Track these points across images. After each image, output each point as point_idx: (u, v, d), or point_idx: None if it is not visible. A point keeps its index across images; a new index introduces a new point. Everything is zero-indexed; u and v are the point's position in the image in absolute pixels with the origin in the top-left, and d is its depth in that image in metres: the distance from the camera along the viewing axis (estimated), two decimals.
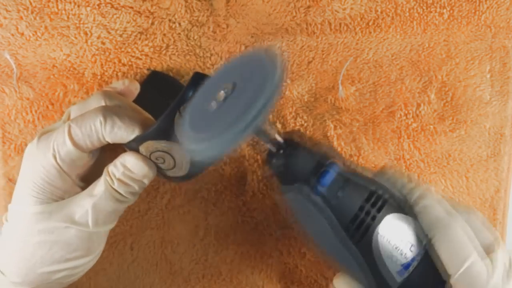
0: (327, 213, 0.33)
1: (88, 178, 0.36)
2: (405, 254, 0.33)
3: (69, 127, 0.33)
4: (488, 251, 0.34)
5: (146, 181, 0.35)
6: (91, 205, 0.34)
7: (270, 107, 0.27)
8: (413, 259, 0.34)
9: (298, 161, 0.33)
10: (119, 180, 0.34)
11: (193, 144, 0.29)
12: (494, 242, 0.34)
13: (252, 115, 0.26)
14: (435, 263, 0.34)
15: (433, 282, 0.34)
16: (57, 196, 0.34)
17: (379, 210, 0.34)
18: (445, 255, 0.33)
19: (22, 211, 0.34)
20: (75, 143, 0.33)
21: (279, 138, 0.33)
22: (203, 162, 0.35)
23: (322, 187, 0.33)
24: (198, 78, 0.34)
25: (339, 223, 0.33)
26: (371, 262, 0.33)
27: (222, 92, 0.30)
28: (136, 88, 0.41)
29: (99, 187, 0.34)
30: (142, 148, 0.34)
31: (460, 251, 0.33)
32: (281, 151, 0.34)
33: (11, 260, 0.35)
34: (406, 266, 0.33)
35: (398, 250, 0.33)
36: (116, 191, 0.34)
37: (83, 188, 0.35)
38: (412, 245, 0.34)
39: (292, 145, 0.34)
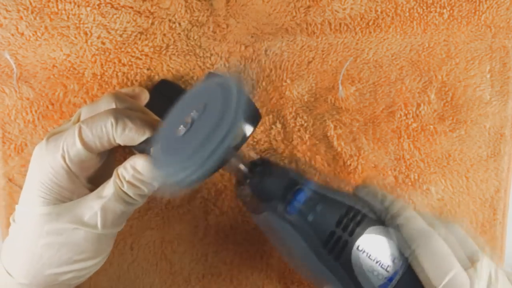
0: (304, 231, 0.33)
1: (96, 180, 0.36)
2: (387, 267, 0.33)
3: (80, 128, 0.33)
4: (473, 260, 0.34)
5: (156, 184, 0.35)
6: (100, 207, 0.34)
7: (237, 129, 0.27)
8: (395, 272, 0.33)
9: (269, 182, 0.33)
10: (128, 182, 0.34)
11: (162, 167, 0.29)
12: (478, 251, 0.34)
13: (210, 148, 0.26)
14: (418, 275, 0.34)
15: None
16: (65, 198, 0.34)
17: (357, 225, 0.33)
18: (428, 267, 0.33)
19: (29, 212, 0.34)
20: (85, 144, 0.33)
21: (243, 168, 0.33)
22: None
23: (298, 204, 0.33)
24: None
25: (316, 242, 0.33)
26: (352, 278, 0.33)
27: (190, 114, 0.30)
28: (145, 97, 0.41)
29: (108, 189, 0.34)
30: (153, 150, 0.34)
31: (442, 262, 0.33)
32: (248, 181, 0.33)
33: (19, 262, 0.34)
34: (389, 279, 0.33)
35: (380, 264, 0.33)
36: (126, 193, 0.34)
37: (91, 190, 0.35)
38: (394, 258, 0.34)
39: (262, 167, 0.34)
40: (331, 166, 0.46)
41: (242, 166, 0.33)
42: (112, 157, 0.38)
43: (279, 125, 0.46)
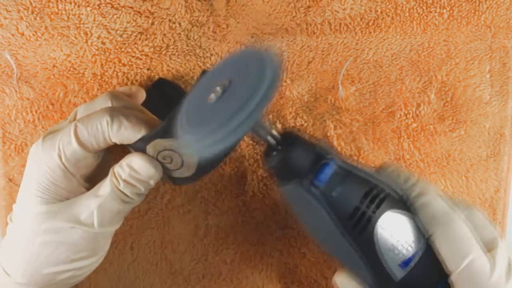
0: (327, 206, 0.33)
1: (93, 179, 0.36)
2: (407, 248, 0.33)
3: (75, 126, 0.33)
4: (490, 247, 0.34)
5: (152, 182, 0.35)
6: (97, 206, 0.34)
7: (266, 103, 0.27)
8: (414, 254, 0.33)
9: (296, 155, 0.33)
10: (125, 181, 0.34)
11: (190, 140, 0.28)
12: (495, 238, 0.34)
13: (248, 111, 0.26)
14: (438, 256, 0.34)
15: (435, 277, 0.34)
16: (62, 196, 0.34)
17: (379, 205, 0.33)
18: (446, 250, 0.33)
19: (26, 211, 0.34)
20: (81, 143, 0.33)
21: (275, 133, 0.33)
22: (206, 159, 0.35)
23: (322, 180, 0.33)
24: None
25: (339, 217, 0.33)
26: (372, 256, 0.33)
27: (218, 88, 0.30)
28: (142, 96, 0.41)
29: (104, 187, 0.34)
30: (149, 148, 0.34)
31: (461, 246, 0.33)
32: (279, 147, 0.33)
33: (16, 261, 0.34)
34: (408, 261, 0.33)
35: (400, 244, 0.33)
36: (122, 192, 0.34)
37: (88, 189, 0.35)
38: (413, 240, 0.34)
39: (290, 140, 0.33)
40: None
41: (269, 137, 0.33)
42: (109, 155, 0.38)
43: (279, 125, 0.46)
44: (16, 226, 0.35)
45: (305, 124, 0.46)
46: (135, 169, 0.34)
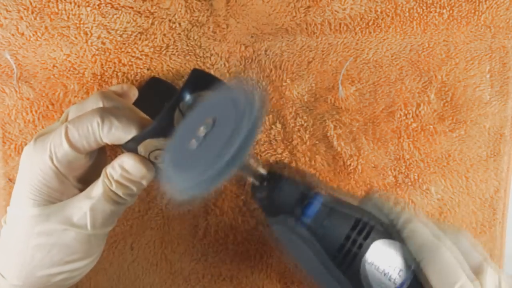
0: (313, 244, 0.33)
1: (85, 180, 0.36)
2: (394, 279, 0.33)
3: (66, 128, 0.33)
4: (477, 272, 0.34)
5: (145, 183, 0.35)
6: (89, 207, 0.34)
7: (251, 142, 0.27)
8: (402, 284, 0.34)
9: (282, 193, 0.33)
10: (117, 182, 0.34)
11: (176, 184, 0.28)
12: (483, 263, 0.35)
13: (233, 152, 0.26)
14: (424, 287, 0.34)
15: None
16: (54, 198, 0.34)
17: (365, 238, 0.34)
18: (434, 279, 0.33)
19: (20, 214, 0.34)
20: (72, 145, 0.33)
21: (262, 171, 0.33)
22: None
23: (307, 218, 0.33)
24: (197, 75, 0.34)
25: (326, 253, 0.33)
26: None
27: (202, 128, 0.30)
28: (134, 94, 0.41)
29: (97, 189, 0.34)
30: (141, 148, 0.34)
31: (448, 275, 0.33)
32: (265, 183, 0.34)
33: (11, 263, 0.34)
34: None
35: (387, 276, 0.33)
36: (114, 193, 0.34)
37: (81, 190, 0.35)
38: (400, 270, 0.34)
39: (275, 177, 0.34)
40: (331, 166, 0.46)
41: (254, 177, 0.33)
42: (101, 156, 0.38)
43: (279, 125, 0.46)
44: (9, 228, 0.35)
45: (305, 124, 0.46)
46: (127, 169, 0.34)
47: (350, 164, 0.47)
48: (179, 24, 0.43)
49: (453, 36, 0.46)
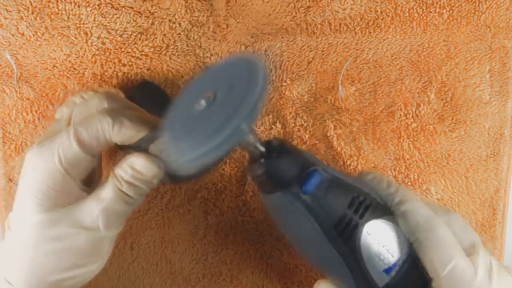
0: (315, 214, 0.33)
1: (89, 181, 0.36)
2: (390, 255, 0.34)
3: (75, 130, 0.33)
4: (469, 252, 0.34)
5: (155, 181, 0.35)
6: (101, 209, 0.33)
7: (254, 115, 0.27)
8: (398, 260, 0.34)
9: (281, 167, 0.33)
10: (127, 182, 0.34)
11: (175, 154, 0.28)
12: (475, 242, 0.35)
13: (235, 124, 0.26)
14: (422, 261, 0.34)
15: (418, 282, 0.34)
16: (62, 202, 0.34)
17: (364, 212, 0.34)
18: (429, 257, 0.33)
19: (27, 220, 0.33)
20: (82, 145, 0.33)
21: (260, 147, 0.33)
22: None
23: (309, 189, 0.33)
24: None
25: (326, 225, 0.33)
26: (356, 262, 0.34)
27: (203, 100, 0.30)
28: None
29: (107, 190, 0.34)
30: (152, 147, 0.34)
31: (443, 253, 0.33)
32: (262, 160, 0.33)
33: (18, 270, 0.34)
34: (391, 267, 0.34)
35: (383, 252, 0.34)
36: (125, 193, 0.34)
37: (87, 192, 0.35)
38: (396, 246, 0.34)
39: (273, 153, 0.33)
40: (331, 166, 0.46)
41: (258, 145, 0.33)
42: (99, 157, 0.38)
43: (279, 125, 0.46)
44: (16, 234, 0.34)
45: (305, 124, 0.46)
46: (138, 169, 0.34)
47: (350, 164, 0.47)
48: (179, 24, 0.43)
49: (453, 36, 0.46)
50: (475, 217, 0.49)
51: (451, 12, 0.46)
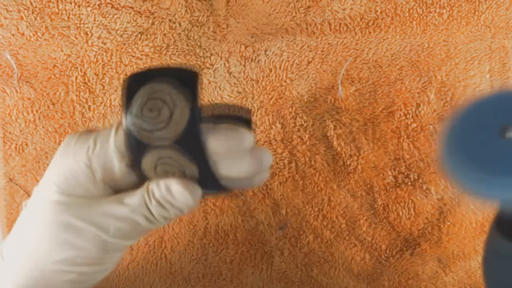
0: None
1: (116, 187, 0.34)
2: None
3: (118, 125, 0.31)
4: None
5: (185, 211, 0.33)
6: (118, 214, 0.32)
7: None
8: None
9: None
10: (157, 200, 0.32)
11: (493, 190, 0.25)
12: None
13: None
14: None
15: None
16: (79, 192, 0.32)
17: None
18: None
19: (41, 197, 0.32)
20: (117, 147, 0.31)
21: None
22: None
23: None
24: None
25: None
26: None
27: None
28: None
29: (132, 198, 0.32)
30: (148, 158, 0.31)
31: None
32: None
33: (20, 248, 0.33)
34: None
35: None
36: (150, 210, 0.32)
37: (110, 193, 0.33)
38: None
39: None
40: (331, 166, 0.46)
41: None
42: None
43: (278, 125, 0.46)
44: (27, 212, 0.33)
45: (305, 124, 0.46)
46: (173, 192, 0.32)
47: (350, 164, 0.47)
48: (179, 24, 0.43)
49: (453, 36, 0.46)
50: (475, 217, 0.49)
51: (451, 12, 0.46)
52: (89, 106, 0.44)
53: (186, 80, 0.30)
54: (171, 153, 0.30)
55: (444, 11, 0.46)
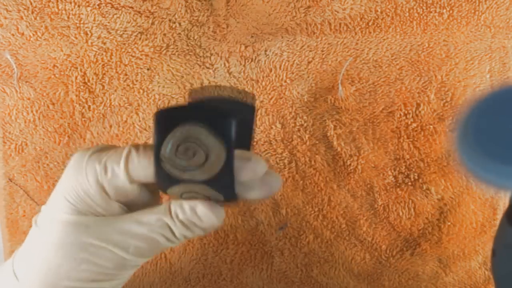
0: None
1: (129, 204, 0.34)
2: None
3: (129, 151, 0.31)
4: None
5: (208, 231, 0.33)
6: (137, 233, 0.32)
7: None
8: None
9: None
10: (181, 222, 0.32)
11: (498, 178, 0.25)
12: None
13: None
14: None
15: None
16: (95, 211, 0.32)
17: None
18: None
19: (56, 218, 0.32)
20: (128, 170, 0.31)
21: None
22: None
23: None
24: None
25: None
26: None
27: None
28: None
29: (152, 217, 0.32)
30: (177, 189, 0.31)
31: None
32: None
33: (33, 268, 0.33)
34: None
35: None
36: (171, 229, 0.32)
37: (123, 209, 0.33)
38: None
39: None
40: (331, 166, 0.46)
41: None
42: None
43: (278, 125, 0.46)
44: (41, 231, 0.33)
45: (305, 124, 0.46)
46: (199, 215, 0.31)
47: (350, 164, 0.47)
48: (179, 24, 0.43)
49: (453, 36, 0.46)
50: (475, 217, 0.49)
51: (451, 12, 0.46)
52: (89, 106, 0.44)
53: (224, 124, 0.30)
54: (201, 187, 0.30)
55: (444, 11, 0.46)
